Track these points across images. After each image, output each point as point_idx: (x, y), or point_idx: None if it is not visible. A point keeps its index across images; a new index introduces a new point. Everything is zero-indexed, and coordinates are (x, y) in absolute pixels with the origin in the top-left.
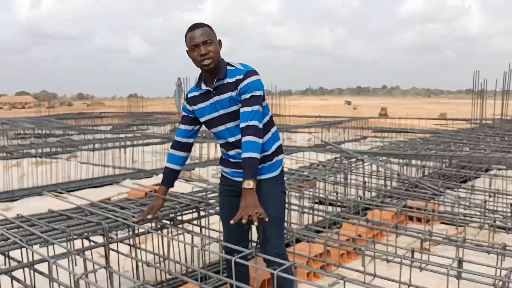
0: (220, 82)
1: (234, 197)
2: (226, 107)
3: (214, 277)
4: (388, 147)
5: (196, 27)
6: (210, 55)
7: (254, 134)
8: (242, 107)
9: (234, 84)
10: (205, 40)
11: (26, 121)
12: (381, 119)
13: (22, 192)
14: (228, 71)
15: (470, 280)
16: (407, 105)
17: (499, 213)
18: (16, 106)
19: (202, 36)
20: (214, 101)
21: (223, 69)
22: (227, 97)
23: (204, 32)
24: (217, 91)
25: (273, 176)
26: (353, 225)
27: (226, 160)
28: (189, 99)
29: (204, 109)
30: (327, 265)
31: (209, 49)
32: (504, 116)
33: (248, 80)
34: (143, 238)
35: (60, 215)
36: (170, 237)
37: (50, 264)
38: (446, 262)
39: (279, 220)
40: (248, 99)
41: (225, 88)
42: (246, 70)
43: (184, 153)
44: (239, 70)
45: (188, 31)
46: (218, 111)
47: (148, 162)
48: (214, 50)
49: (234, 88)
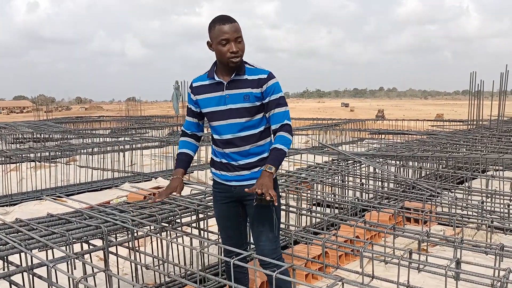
0: (238, 77)
1: (230, 203)
2: (237, 102)
3: (213, 279)
4: (385, 148)
5: (228, 21)
6: (239, 53)
7: (289, 131)
8: (274, 108)
9: (255, 82)
10: (237, 37)
11: (25, 126)
12: (378, 121)
13: (21, 196)
14: (247, 69)
15: (468, 281)
16: (404, 106)
17: (496, 213)
18: (14, 111)
19: (235, 33)
20: (225, 94)
21: (242, 68)
22: (243, 93)
23: (236, 29)
24: (232, 85)
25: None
26: (351, 227)
27: (219, 163)
28: (193, 88)
29: (210, 100)
30: (325, 266)
31: (239, 47)
32: (501, 117)
33: (273, 81)
34: (142, 241)
35: (59, 219)
36: (169, 240)
37: (49, 268)
38: (444, 263)
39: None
40: (278, 100)
41: (243, 84)
42: (269, 72)
43: (194, 140)
44: (261, 70)
45: (218, 22)
46: (226, 105)
47: (146, 165)
48: (243, 48)
49: (255, 86)
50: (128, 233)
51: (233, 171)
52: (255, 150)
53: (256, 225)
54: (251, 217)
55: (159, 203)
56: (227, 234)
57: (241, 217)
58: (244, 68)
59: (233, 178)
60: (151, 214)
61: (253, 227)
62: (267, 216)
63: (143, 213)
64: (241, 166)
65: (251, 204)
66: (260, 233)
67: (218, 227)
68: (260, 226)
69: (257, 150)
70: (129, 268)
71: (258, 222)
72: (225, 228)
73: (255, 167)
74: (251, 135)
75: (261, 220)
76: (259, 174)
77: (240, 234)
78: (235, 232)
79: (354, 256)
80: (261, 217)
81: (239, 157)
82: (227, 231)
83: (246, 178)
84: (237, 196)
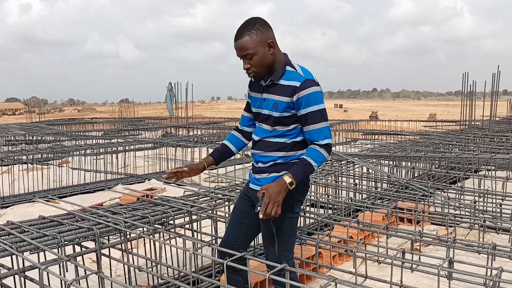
0: (274, 82)
1: (248, 201)
2: (268, 108)
3: (206, 280)
4: (378, 149)
5: (236, 38)
6: (252, 69)
7: (326, 150)
8: (308, 123)
9: (289, 89)
10: (245, 54)
11: (17, 128)
12: (372, 121)
13: (12, 199)
14: (286, 72)
15: (461, 280)
16: (397, 107)
17: (488, 213)
18: (6, 113)
19: (241, 51)
20: (263, 96)
21: (279, 69)
22: (274, 100)
23: (243, 46)
24: (269, 88)
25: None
26: (344, 227)
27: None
28: (251, 82)
29: (256, 99)
30: (319, 267)
31: (251, 63)
32: (493, 117)
33: (308, 91)
34: (135, 243)
35: (51, 221)
36: (162, 242)
37: (41, 271)
38: (437, 262)
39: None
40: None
41: (276, 90)
42: (306, 78)
43: (242, 137)
44: (298, 76)
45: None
46: (262, 109)
47: (140, 167)
48: (257, 64)
49: (288, 94)
50: (121, 235)
51: (255, 174)
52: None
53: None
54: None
55: (152, 205)
56: (229, 229)
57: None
58: (283, 72)
59: (251, 180)
60: (144, 215)
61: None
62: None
63: (136, 214)
64: (257, 169)
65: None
66: (264, 239)
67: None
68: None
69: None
70: (122, 270)
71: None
72: (233, 224)
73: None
74: (275, 142)
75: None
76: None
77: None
78: (235, 229)
79: (347, 256)
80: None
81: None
82: (234, 227)
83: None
84: (251, 199)
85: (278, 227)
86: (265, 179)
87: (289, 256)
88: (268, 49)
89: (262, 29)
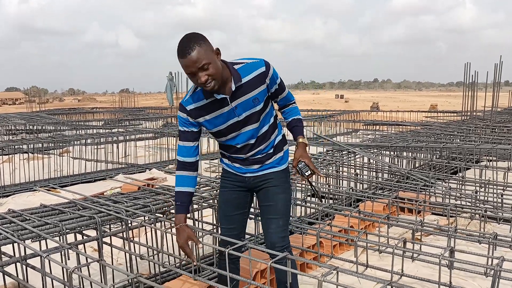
0: (239, 84)
1: (241, 191)
2: (248, 108)
3: (208, 269)
4: (380, 139)
5: (185, 53)
6: (211, 79)
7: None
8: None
9: (258, 78)
10: (201, 66)
11: (17, 117)
12: (373, 112)
13: (13, 188)
14: (240, 70)
15: (462, 270)
16: (398, 98)
17: (489, 203)
18: (6, 102)
19: (196, 63)
20: (233, 106)
21: (234, 73)
22: (251, 97)
23: (197, 58)
24: (236, 95)
25: (285, 168)
26: (345, 217)
27: (235, 158)
28: (191, 112)
29: (217, 119)
30: (320, 256)
31: (208, 73)
32: (494, 108)
33: (271, 69)
34: (136, 231)
35: (52, 209)
36: (164, 230)
37: (42, 259)
38: (438, 251)
39: (287, 213)
40: (281, 84)
41: (246, 88)
42: (263, 60)
43: (194, 172)
44: (255, 64)
45: (178, 56)
46: (239, 116)
47: (141, 157)
48: (214, 72)
49: (260, 83)
50: (122, 223)
51: (248, 164)
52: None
53: (266, 211)
54: (262, 203)
55: (153, 194)
56: (229, 224)
57: (248, 207)
58: (236, 72)
59: (247, 170)
60: (145, 204)
61: (264, 214)
62: (280, 203)
63: (137, 203)
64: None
65: (265, 191)
66: (269, 219)
67: (220, 216)
68: (271, 212)
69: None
70: (123, 259)
71: (270, 208)
72: (229, 218)
73: (269, 159)
74: (265, 132)
75: (274, 206)
76: (271, 164)
77: (242, 226)
78: (238, 222)
79: (348, 245)
80: (275, 203)
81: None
82: (230, 220)
83: (260, 169)
84: (250, 186)
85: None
86: (271, 163)
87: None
88: (217, 56)
89: (205, 40)
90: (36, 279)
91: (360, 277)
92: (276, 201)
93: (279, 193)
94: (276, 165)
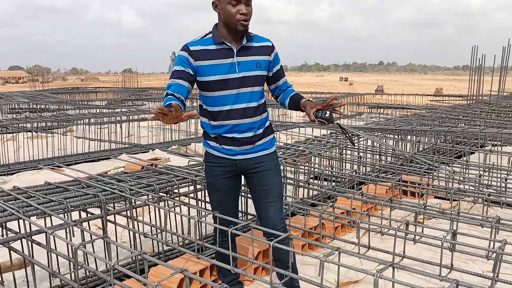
0: (249, 44)
1: (232, 177)
2: (250, 69)
3: (211, 248)
4: (384, 123)
5: None
6: (249, 16)
7: None
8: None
9: (265, 49)
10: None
11: (20, 96)
12: (377, 95)
13: (18, 166)
14: (253, 36)
15: (464, 252)
16: (403, 81)
17: (493, 188)
18: (9, 81)
19: None
20: (236, 61)
21: (247, 34)
22: (255, 60)
23: None
24: (242, 51)
25: (275, 150)
26: (348, 199)
27: (220, 136)
28: (193, 52)
29: (219, 67)
30: (322, 237)
31: (249, 10)
32: (501, 92)
33: (276, 50)
34: (140, 210)
35: (57, 187)
36: (167, 209)
37: (47, 235)
38: (440, 234)
39: (282, 195)
40: (282, 68)
41: (253, 51)
42: (269, 39)
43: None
44: (265, 38)
45: None
46: (238, 73)
47: (144, 137)
48: (251, 13)
49: (267, 53)
50: (126, 202)
51: (239, 145)
52: (260, 122)
53: (264, 195)
54: (259, 188)
55: (157, 173)
56: (224, 209)
57: (239, 190)
58: (250, 35)
59: (238, 152)
60: (149, 183)
61: (260, 198)
62: (277, 186)
63: (141, 183)
64: (247, 139)
65: (259, 175)
66: (268, 203)
67: (214, 203)
68: (269, 196)
69: (261, 122)
70: (127, 237)
71: (267, 192)
72: (223, 203)
73: (260, 140)
74: (258, 105)
75: (271, 189)
76: (262, 146)
77: (236, 209)
78: (232, 207)
79: (350, 227)
80: (272, 186)
81: (246, 129)
82: (225, 206)
83: (252, 151)
84: (241, 170)
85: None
86: (263, 145)
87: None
88: None
89: None
90: (41, 255)
91: (362, 258)
92: (273, 184)
93: (274, 176)
94: (268, 147)
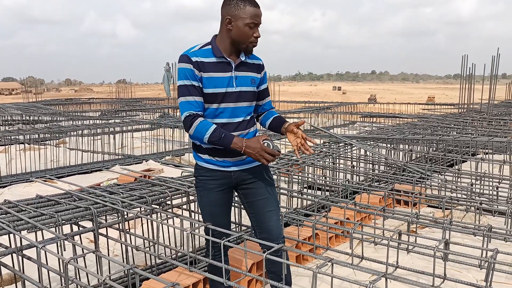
0: (246, 60)
1: (226, 190)
2: (246, 85)
3: (204, 260)
4: (376, 131)
5: (259, 5)
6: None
7: None
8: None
9: (257, 67)
10: (260, 23)
11: (14, 108)
12: (370, 104)
13: (10, 179)
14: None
15: (457, 262)
16: (395, 90)
17: (485, 196)
18: (2, 93)
19: (259, 18)
20: (234, 75)
21: None
22: (250, 76)
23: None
24: (239, 67)
25: None
26: (341, 209)
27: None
28: (196, 64)
29: (217, 80)
30: (315, 248)
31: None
32: (491, 101)
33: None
34: (132, 223)
35: (48, 200)
36: (160, 222)
37: (38, 249)
38: (433, 243)
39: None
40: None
41: (249, 67)
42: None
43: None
44: (257, 57)
45: (250, 3)
46: (236, 87)
47: (137, 148)
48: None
49: (257, 71)
50: (118, 214)
51: (234, 157)
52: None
53: (263, 205)
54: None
55: (149, 185)
56: (218, 222)
57: (231, 203)
58: None
59: (233, 164)
60: (141, 195)
61: (260, 208)
62: (274, 195)
63: (133, 195)
64: None
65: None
66: (269, 212)
67: (206, 217)
68: (269, 205)
69: (252, 134)
70: (119, 250)
71: (267, 201)
72: (216, 216)
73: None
74: (250, 119)
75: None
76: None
77: (229, 222)
78: (225, 220)
79: (344, 237)
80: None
81: None
82: (218, 219)
83: (245, 162)
84: (236, 182)
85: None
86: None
87: None
88: None
89: None
90: (32, 270)
91: (355, 269)
92: (270, 194)
93: (270, 185)
94: None
